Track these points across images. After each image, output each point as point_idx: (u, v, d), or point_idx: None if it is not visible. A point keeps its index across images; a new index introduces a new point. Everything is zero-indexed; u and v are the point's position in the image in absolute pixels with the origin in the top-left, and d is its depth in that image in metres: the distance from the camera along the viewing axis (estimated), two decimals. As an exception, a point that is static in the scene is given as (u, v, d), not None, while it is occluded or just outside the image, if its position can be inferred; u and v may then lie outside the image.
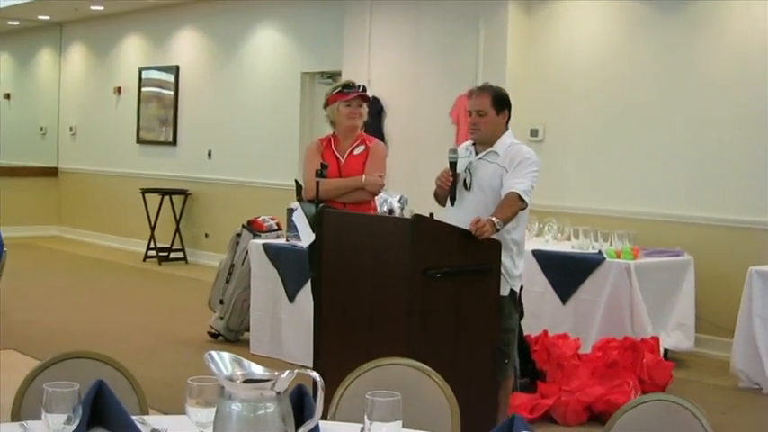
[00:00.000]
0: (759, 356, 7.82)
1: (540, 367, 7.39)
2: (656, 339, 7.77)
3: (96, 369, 3.40)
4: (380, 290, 5.49)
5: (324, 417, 3.38)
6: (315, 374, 2.62)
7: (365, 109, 6.68)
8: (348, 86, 6.71)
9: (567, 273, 8.55)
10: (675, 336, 8.59)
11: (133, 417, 3.04)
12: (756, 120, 8.82)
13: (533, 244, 8.95)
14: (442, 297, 5.41)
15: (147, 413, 3.33)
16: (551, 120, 10.34)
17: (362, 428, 2.96)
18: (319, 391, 2.62)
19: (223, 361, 2.63)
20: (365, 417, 2.65)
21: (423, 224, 5.38)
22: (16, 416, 3.31)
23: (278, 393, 2.55)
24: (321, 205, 6.00)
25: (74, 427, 2.68)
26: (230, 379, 2.58)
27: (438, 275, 5.33)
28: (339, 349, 5.61)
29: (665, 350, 8.33)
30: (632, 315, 8.19)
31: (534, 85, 10.38)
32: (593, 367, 7.19)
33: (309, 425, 2.66)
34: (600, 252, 8.51)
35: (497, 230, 5.57)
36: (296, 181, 6.80)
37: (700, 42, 9.22)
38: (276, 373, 2.59)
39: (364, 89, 6.76)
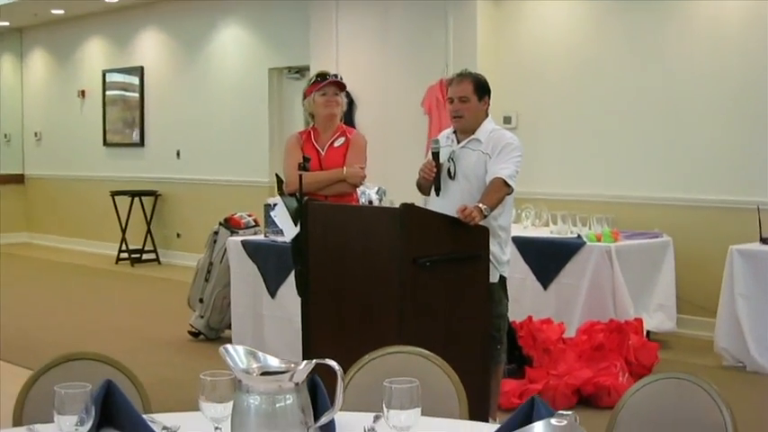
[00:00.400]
0: (742, 335, 7.84)
1: (526, 353, 7.37)
2: (639, 321, 7.77)
3: (98, 370, 3.37)
4: (371, 280, 5.45)
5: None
6: (333, 364, 2.59)
7: (342, 98, 6.63)
8: (322, 75, 6.67)
9: (547, 258, 8.55)
10: (657, 317, 8.61)
11: (144, 415, 3.01)
12: (731, 100, 8.85)
13: (512, 230, 8.91)
14: (433, 285, 5.37)
15: (151, 412, 3.28)
16: (524, 107, 10.33)
17: (376, 417, 2.95)
18: (339, 379, 2.59)
19: (239, 354, 2.59)
20: (383, 404, 2.62)
21: (412, 213, 5.34)
22: (18, 420, 3.26)
23: (296, 384, 2.51)
24: (306, 198, 5.94)
25: (87, 428, 2.64)
26: (247, 372, 2.54)
27: (428, 264, 5.30)
28: (330, 342, 5.57)
29: (648, 332, 8.33)
30: (614, 298, 8.20)
31: (506, 72, 10.36)
32: (580, 351, 7.18)
33: (331, 414, 2.63)
34: (579, 236, 8.51)
35: (485, 216, 5.56)
36: (276, 175, 6.74)
37: (671, 25, 9.24)
38: (293, 365, 2.55)
39: (340, 78, 6.71)
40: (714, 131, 8.95)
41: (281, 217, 6.68)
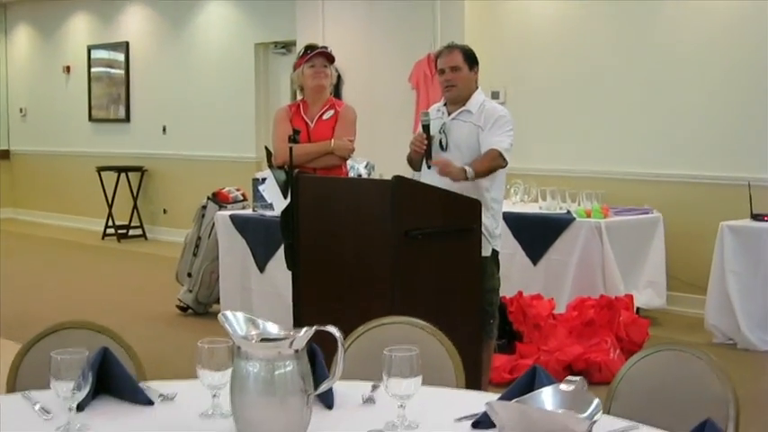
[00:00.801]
0: (733, 312, 7.83)
1: (516, 328, 7.36)
2: (630, 297, 7.75)
3: (90, 338, 3.34)
4: (362, 253, 5.42)
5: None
6: (334, 330, 2.56)
7: (331, 70, 6.56)
8: (311, 47, 6.63)
9: (536, 234, 8.52)
10: (647, 294, 8.58)
11: (140, 383, 2.98)
12: (723, 76, 8.83)
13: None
14: (425, 258, 5.34)
15: (146, 380, 3.25)
16: (512, 81, 10.29)
17: (374, 386, 2.92)
18: (339, 347, 2.56)
19: (238, 321, 2.56)
20: (383, 373, 2.60)
21: (403, 185, 5.31)
22: (11, 388, 3.23)
23: (296, 351, 2.49)
24: (296, 171, 5.89)
25: (84, 393, 2.61)
26: (246, 339, 2.51)
27: (419, 236, 5.27)
28: (320, 316, 5.45)
29: (638, 308, 8.31)
30: (604, 274, 8.17)
31: (493, 47, 10.29)
32: (571, 327, 7.17)
33: (330, 382, 2.60)
34: (569, 212, 8.49)
35: (466, 179, 5.53)
36: (266, 147, 6.69)
37: (656, 1, 9.20)
38: (292, 332, 2.52)
39: (329, 50, 6.65)
40: (705, 107, 8.92)
41: (271, 190, 6.64)
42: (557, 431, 1.74)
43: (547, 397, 1.88)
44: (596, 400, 1.86)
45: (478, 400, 2.67)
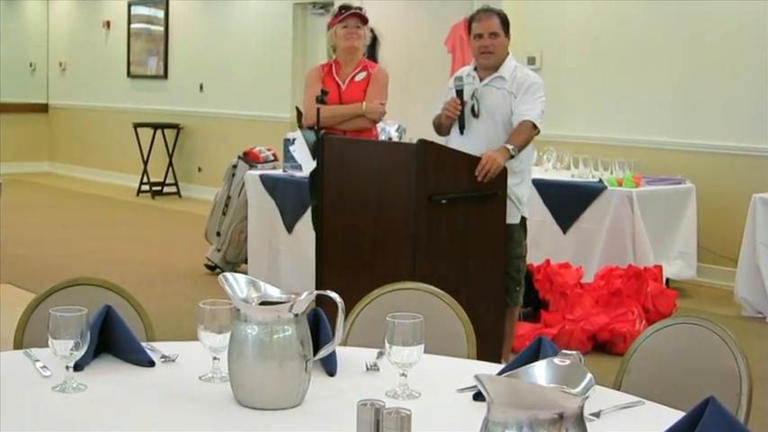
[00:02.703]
0: (763, 285, 7.75)
1: (542, 296, 7.30)
2: (659, 268, 7.65)
3: (101, 296, 3.31)
4: (385, 217, 5.39)
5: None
6: (335, 296, 2.52)
7: (364, 31, 6.50)
8: (344, 7, 6.58)
9: (567, 202, 8.44)
10: (677, 264, 8.49)
11: (144, 344, 2.95)
12: (757, 46, 8.68)
13: (533, 173, 8.78)
14: (448, 223, 5.31)
15: (155, 340, 3.23)
16: (548, 47, 10.18)
17: (379, 353, 2.88)
18: (339, 313, 2.52)
19: (238, 283, 2.53)
20: (385, 340, 2.56)
21: (428, 149, 5.27)
22: (18, 344, 3.21)
23: (296, 316, 2.45)
24: (322, 132, 5.85)
25: (82, 353, 2.59)
26: (246, 301, 2.48)
27: (443, 201, 5.23)
28: (342, 278, 5.51)
29: (667, 279, 8.23)
30: (634, 244, 8.09)
31: (530, 12, 10.20)
32: (597, 296, 7.10)
33: (330, 347, 2.56)
34: (600, 180, 8.39)
35: (512, 157, 5.50)
36: (296, 108, 6.67)
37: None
38: (294, 295, 2.49)
39: (363, 10, 6.59)
40: (743, 77, 8.78)
41: (300, 151, 6.65)
42: (545, 406, 1.69)
43: (540, 371, 1.84)
44: (589, 376, 1.81)
45: (485, 371, 2.62)
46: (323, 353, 2.55)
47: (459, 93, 5.78)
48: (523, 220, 5.85)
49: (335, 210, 5.68)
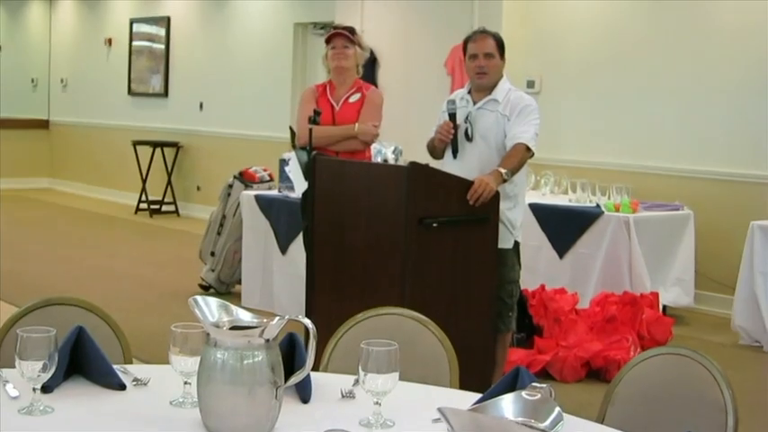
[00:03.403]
0: (760, 313, 7.67)
1: (536, 322, 7.23)
2: (655, 295, 7.61)
3: (79, 316, 3.25)
4: (375, 239, 5.33)
5: (316, 368, 3.23)
6: (307, 321, 2.46)
7: (353, 50, 6.42)
8: (334, 27, 6.55)
9: (564, 226, 8.38)
10: (674, 291, 8.42)
11: (115, 366, 2.89)
12: (757, 72, 8.64)
13: (530, 197, 8.74)
14: (439, 247, 5.25)
15: (131, 362, 3.18)
16: (548, 71, 10.15)
17: (356, 380, 2.82)
18: (311, 339, 2.46)
19: (209, 307, 2.47)
20: (359, 368, 2.50)
21: (419, 172, 5.21)
22: (-5, 366, 3.15)
23: (267, 341, 2.39)
24: (314, 153, 5.80)
25: (49, 374, 2.53)
26: (216, 325, 2.42)
27: (435, 225, 5.17)
28: (332, 301, 5.46)
29: (664, 306, 8.18)
30: (631, 270, 8.02)
31: (530, 35, 10.19)
32: (592, 322, 7.04)
33: (300, 375, 2.50)
34: (598, 205, 8.34)
35: (505, 181, 5.44)
36: (290, 128, 6.62)
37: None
38: (265, 320, 2.43)
39: (350, 30, 6.51)
40: (741, 104, 8.74)
41: (294, 171, 6.57)
42: (510, 442, 1.64)
43: (507, 404, 1.78)
44: (557, 411, 1.75)
45: (462, 401, 2.56)
46: (293, 380, 2.49)
47: (452, 116, 5.73)
48: (516, 244, 5.79)
49: (326, 231, 5.62)
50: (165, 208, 14.76)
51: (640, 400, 3.01)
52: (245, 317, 2.47)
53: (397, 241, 5.19)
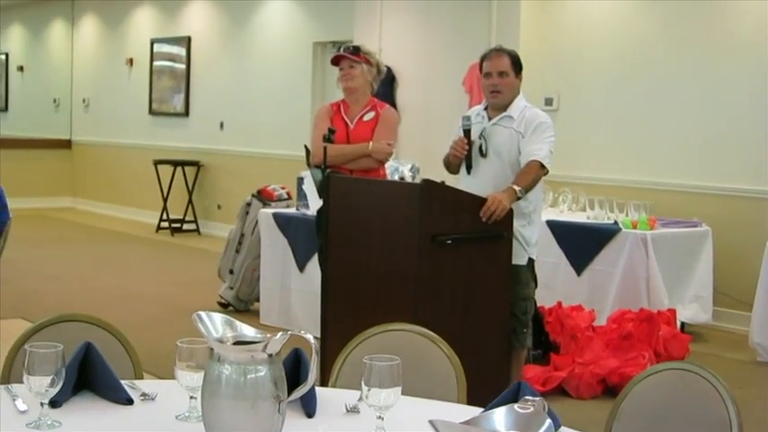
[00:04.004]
0: (778, 330, 7.66)
1: (553, 339, 7.24)
2: (672, 312, 7.60)
3: (90, 332, 3.29)
4: (388, 256, 5.36)
5: (324, 383, 3.26)
6: (309, 336, 2.48)
7: (360, 69, 6.43)
8: (340, 48, 6.59)
9: (581, 243, 8.38)
10: (692, 308, 8.41)
11: (124, 381, 2.93)
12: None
13: (548, 214, 8.80)
14: (452, 264, 5.28)
15: (142, 377, 3.21)
16: (566, 88, 10.16)
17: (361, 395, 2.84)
18: (313, 354, 2.48)
19: (213, 322, 2.50)
20: (362, 382, 2.52)
21: (432, 189, 5.24)
22: (6, 380, 3.19)
23: (270, 356, 2.41)
24: (328, 171, 5.84)
25: (56, 389, 2.56)
26: (220, 341, 2.45)
27: (448, 242, 5.20)
28: (346, 317, 5.48)
29: (682, 323, 8.17)
30: (648, 287, 8.01)
31: (548, 53, 10.21)
32: (608, 339, 7.03)
33: (302, 389, 2.52)
34: (615, 222, 8.34)
35: (518, 198, 5.46)
36: (305, 146, 6.65)
37: (714, 10, 9.03)
38: (268, 335, 2.45)
39: (353, 50, 6.53)
40: (761, 121, 8.72)
41: (309, 189, 6.61)
42: (500, 454, 1.65)
43: (499, 417, 1.80)
44: (548, 423, 1.77)
45: (463, 415, 2.58)
46: (294, 395, 2.51)
47: (467, 132, 5.77)
48: (531, 261, 5.81)
49: (340, 248, 5.66)
50: (185, 226, 14.83)
51: (646, 415, 3.02)
52: (248, 332, 2.50)
53: (410, 258, 5.22)
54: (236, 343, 2.44)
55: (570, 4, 10.18)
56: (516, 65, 5.86)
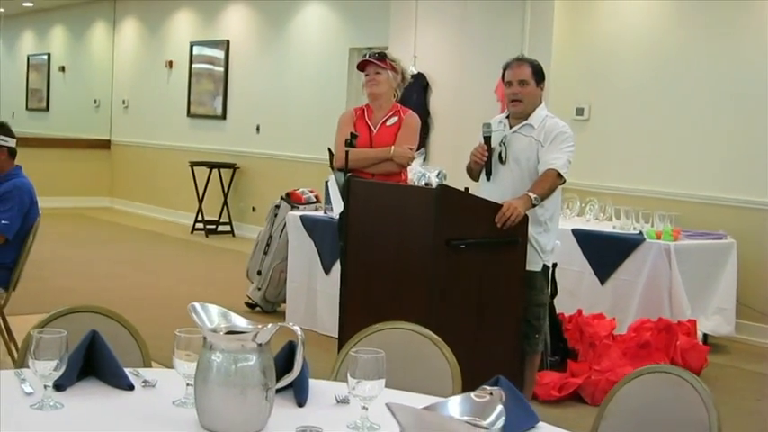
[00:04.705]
0: (797, 343, 7.70)
1: (572, 346, 7.31)
2: (692, 322, 7.65)
3: (100, 323, 3.41)
4: (404, 260, 5.46)
5: (326, 377, 3.37)
6: (296, 328, 2.60)
7: (385, 75, 6.56)
8: (366, 54, 6.69)
9: (606, 253, 8.44)
10: (715, 320, 8.45)
11: (128, 369, 3.05)
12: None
13: (574, 223, 8.90)
14: (467, 269, 5.36)
15: (150, 366, 3.33)
16: (597, 99, 10.23)
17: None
18: (299, 345, 2.60)
19: (208, 313, 2.62)
20: (348, 374, 2.63)
21: (448, 195, 5.34)
22: (20, 365, 3.32)
23: (259, 345, 2.53)
24: (348, 174, 5.96)
25: (59, 373, 2.69)
26: (214, 330, 2.56)
27: (462, 246, 5.29)
28: (362, 318, 5.54)
29: (705, 335, 8.21)
30: (671, 297, 8.06)
31: (580, 63, 10.28)
32: (626, 348, 7.09)
33: (289, 378, 2.63)
34: (640, 233, 8.39)
35: (534, 206, 5.55)
36: (329, 149, 6.77)
37: (748, 24, 9.06)
38: (260, 326, 2.57)
39: (378, 56, 6.63)
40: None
41: (333, 192, 6.72)
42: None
43: (454, 405, 1.90)
44: (499, 408, 1.87)
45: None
46: (281, 383, 2.62)
47: (487, 139, 5.85)
48: (546, 268, 5.88)
49: (359, 251, 5.76)
50: (220, 228, 14.99)
51: (630, 415, 3.10)
52: (241, 323, 2.62)
53: (425, 262, 5.32)
54: (228, 333, 2.56)
55: (604, 15, 10.24)
56: (537, 74, 5.93)
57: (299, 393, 2.82)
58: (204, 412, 2.54)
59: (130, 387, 2.91)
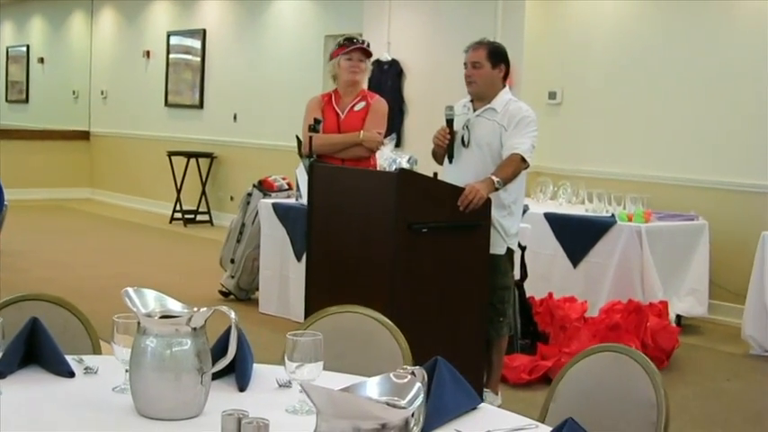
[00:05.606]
0: (769, 323, 7.71)
1: (542, 329, 7.32)
2: (664, 303, 7.66)
3: (50, 310, 3.42)
4: (367, 244, 5.45)
5: (277, 361, 3.36)
6: (231, 312, 2.59)
7: (367, 65, 6.62)
8: (349, 39, 6.69)
9: (578, 236, 8.46)
10: (688, 301, 8.47)
11: (73, 356, 3.03)
12: (774, 83, 8.68)
13: (547, 207, 8.91)
14: (429, 252, 5.36)
15: (100, 353, 3.32)
16: (569, 83, 10.23)
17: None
18: (233, 328, 2.59)
19: (143, 298, 2.61)
20: (285, 357, 2.62)
21: (409, 178, 5.34)
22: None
23: (194, 329, 2.52)
24: (311, 159, 5.95)
25: (-6, 358, 2.68)
26: (149, 315, 2.55)
27: (424, 230, 5.29)
28: (327, 302, 5.52)
29: (678, 316, 8.24)
30: (642, 279, 8.09)
31: (553, 47, 10.28)
32: (595, 330, 7.10)
33: (223, 362, 2.63)
34: (612, 215, 8.41)
35: (496, 189, 5.54)
36: (297, 136, 6.77)
37: (718, 6, 9.07)
38: (195, 310, 2.56)
39: (367, 44, 6.70)
40: (757, 115, 8.77)
41: (302, 179, 6.72)
42: (365, 416, 1.75)
43: (372, 385, 1.89)
44: (417, 387, 1.86)
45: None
46: (217, 367, 2.61)
47: (450, 122, 5.87)
48: (510, 251, 5.88)
49: (322, 235, 5.76)
50: (199, 217, 14.96)
51: (578, 395, 3.09)
52: (176, 308, 2.61)
53: (386, 246, 5.31)
54: (163, 317, 2.55)
55: (574, 1, 10.24)
56: (494, 56, 5.93)
57: (240, 378, 2.81)
58: (139, 398, 2.53)
59: (71, 374, 2.90)
